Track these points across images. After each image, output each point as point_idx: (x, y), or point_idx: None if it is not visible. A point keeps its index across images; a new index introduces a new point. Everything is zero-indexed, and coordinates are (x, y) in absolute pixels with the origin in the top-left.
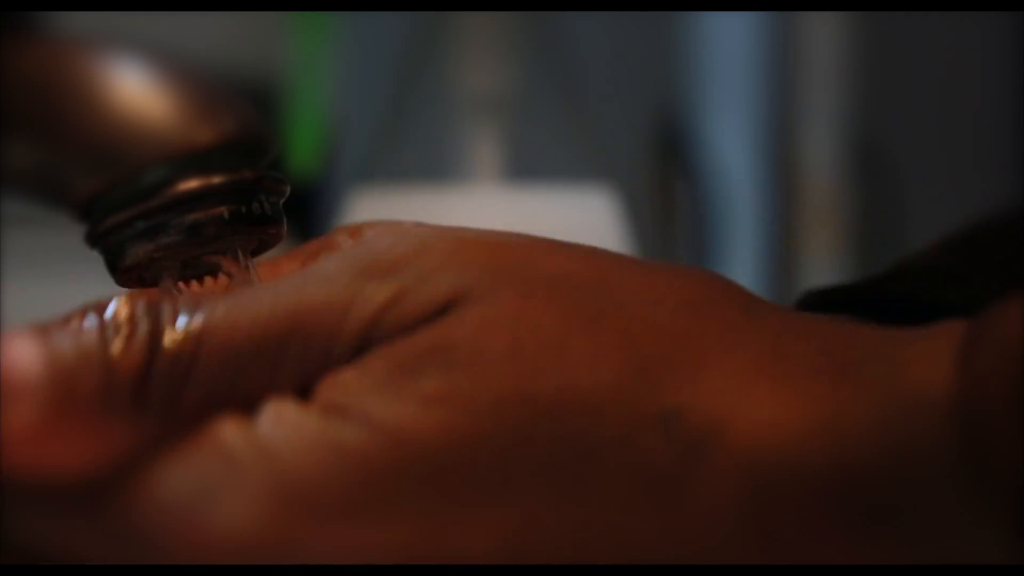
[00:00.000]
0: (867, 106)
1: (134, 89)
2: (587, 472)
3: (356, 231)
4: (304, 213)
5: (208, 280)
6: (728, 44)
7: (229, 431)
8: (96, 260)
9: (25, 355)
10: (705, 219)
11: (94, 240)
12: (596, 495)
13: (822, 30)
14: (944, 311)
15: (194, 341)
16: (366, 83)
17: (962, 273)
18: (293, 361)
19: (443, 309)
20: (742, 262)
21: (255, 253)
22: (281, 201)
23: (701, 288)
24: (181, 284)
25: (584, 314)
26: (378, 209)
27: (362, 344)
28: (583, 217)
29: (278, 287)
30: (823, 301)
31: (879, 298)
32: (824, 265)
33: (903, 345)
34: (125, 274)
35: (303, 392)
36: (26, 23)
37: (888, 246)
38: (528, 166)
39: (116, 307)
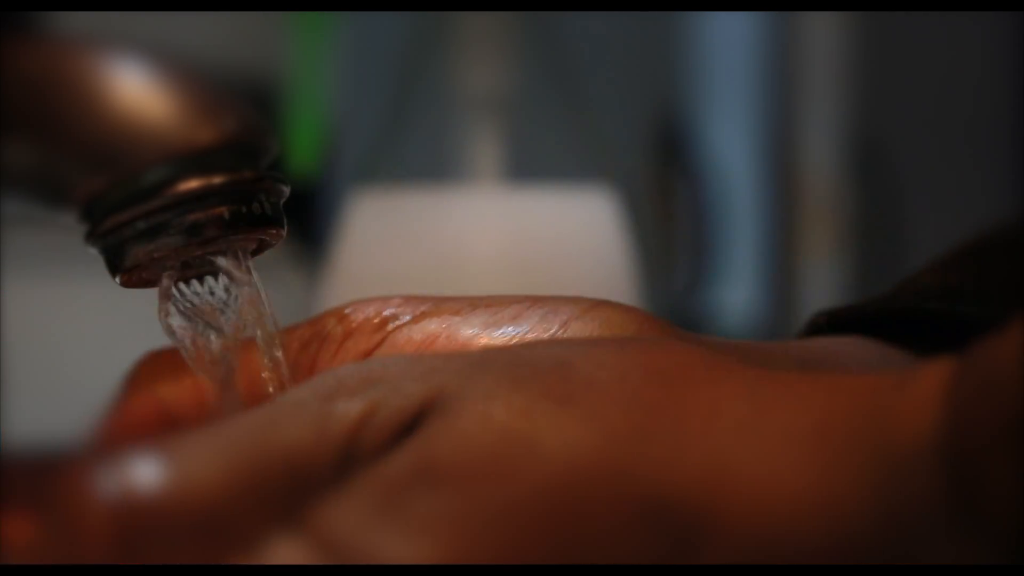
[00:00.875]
0: (867, 106)
1: (134, 89)
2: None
3: (343, 316)
4: (304, 213)
5: (208, 280)
6: (728, 44)
7: None
8: (96, 260)
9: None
10: (705, 219)
11: (94, 240)
12: None
13: (822, 30)
14: (949, 326)
15: (167, 502)
16: (366, 83)
17: (968, 289)
18: (280, 491)
19: (417, 417)
20: (742, 262)
21: (255, 253)
22: (281, 201)
23: (662, 357)
24: (181, 285)
25: (551, 400)
26: (378, 209)
27: (345, 462)
28: (583, 217)
29: (251, 423)
30: (830, 322)
31: (885, 316)
32: (824, 265)
33: (885, 394)
34: (125, 274)
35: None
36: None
37: (888, 245)
38: (528, 166)
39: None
